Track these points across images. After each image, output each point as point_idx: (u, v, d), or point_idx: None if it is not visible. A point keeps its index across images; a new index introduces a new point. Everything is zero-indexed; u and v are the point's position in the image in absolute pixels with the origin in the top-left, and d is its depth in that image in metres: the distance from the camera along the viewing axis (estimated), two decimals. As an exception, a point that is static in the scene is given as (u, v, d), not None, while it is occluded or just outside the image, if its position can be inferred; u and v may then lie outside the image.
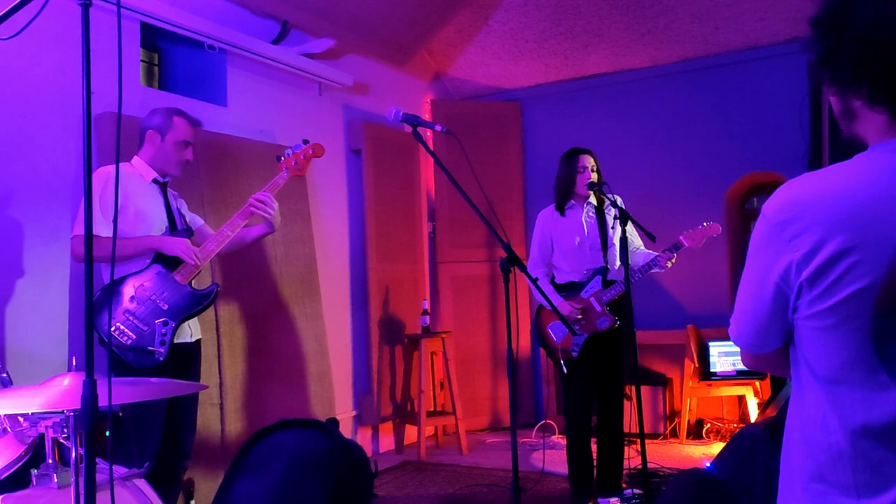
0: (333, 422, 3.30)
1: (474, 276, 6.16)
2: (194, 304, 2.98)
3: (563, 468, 4.05)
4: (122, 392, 1.67)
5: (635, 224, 3.57)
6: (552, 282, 3.90)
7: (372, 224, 5.45)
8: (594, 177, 3.79)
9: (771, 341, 1.20)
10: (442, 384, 5.83)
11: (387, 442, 5.56)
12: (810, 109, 4.95)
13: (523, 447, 5.22)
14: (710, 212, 5.05)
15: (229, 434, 3.93)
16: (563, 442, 4.09)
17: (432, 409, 5.80)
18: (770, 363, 1.25)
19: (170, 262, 2.97)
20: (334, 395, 4.74)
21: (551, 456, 4.71)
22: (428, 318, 5.46)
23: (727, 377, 5.25)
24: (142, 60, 4.21)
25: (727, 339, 5.31)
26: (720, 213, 5.57)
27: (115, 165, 2.90)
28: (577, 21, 5.54)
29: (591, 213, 3.87)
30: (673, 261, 3.72)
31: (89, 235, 1.52)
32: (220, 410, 3.90)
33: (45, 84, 3.42)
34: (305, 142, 3.34)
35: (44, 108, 3.42)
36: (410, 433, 5.54)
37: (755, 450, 2.38)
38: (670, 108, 5.92)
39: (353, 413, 5.27)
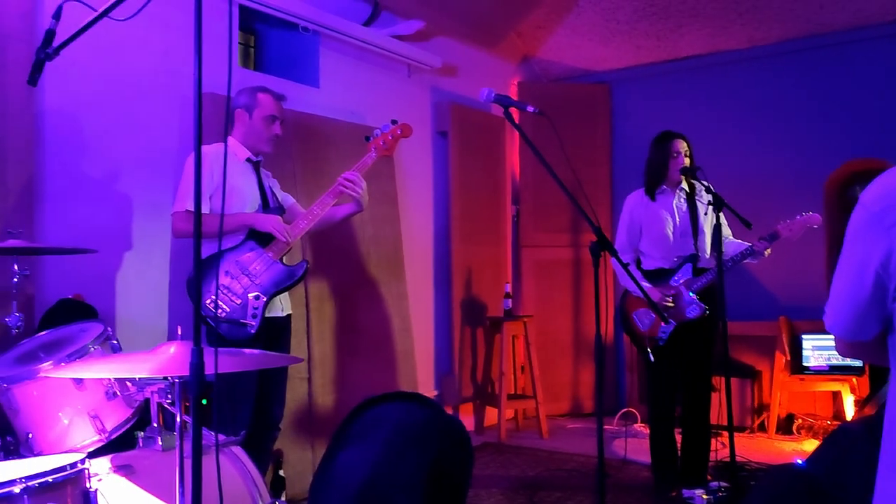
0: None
1: (558, 261, 6.11)
2: (285, 279, 3.06)
3: (645, 457, 3.99)
4: (224, 362, 1.74)
5: (731, 211, 3.46)
6: (639, 268, 3.83)
7: (456, 206, 5.48)
8: (687, 162, 3.69)
9: (868, 329, 1.18)
10: (523, 368, 5.83)
11: (466, 423, 5.60)
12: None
13: (605, 434, 5.16)
14: (808, 200, 4.86)
15: (317, 407, 4.04)
16: (646, 430, 4.03)
17: (513, 392, 5.81)
18: (866, 351, 1.23)
19: (262, 239, 3.05)
20: (417, 373, 4.81)
21: (633, 444, 4.65)
22: (510, 301, 5.46)
23: (821, 372, 5.06)
24: (239, 43, 4.34)
25: (822, 332, 5.12)
26: (819, 202, 5.34)
27: (213, 145, 3.00)
28: (672, 0, 5.38)
29: (682, 199, 3.77)
30: (769, 251, 3.60)
31: (198, 212, 1.58)
32: (309, 384, 4.02)
33: (150, 66, 3.57)
34: (394, 122, 3.37)
35: (149, 89, 3.57)
36: (490, 415, 5.57)
37: (853, 448, 2.29)
38: (768, 92, 5.69)
39: (435, 392, 5.33)
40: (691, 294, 3.63)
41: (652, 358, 3.63)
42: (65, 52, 2.11)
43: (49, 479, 1.62)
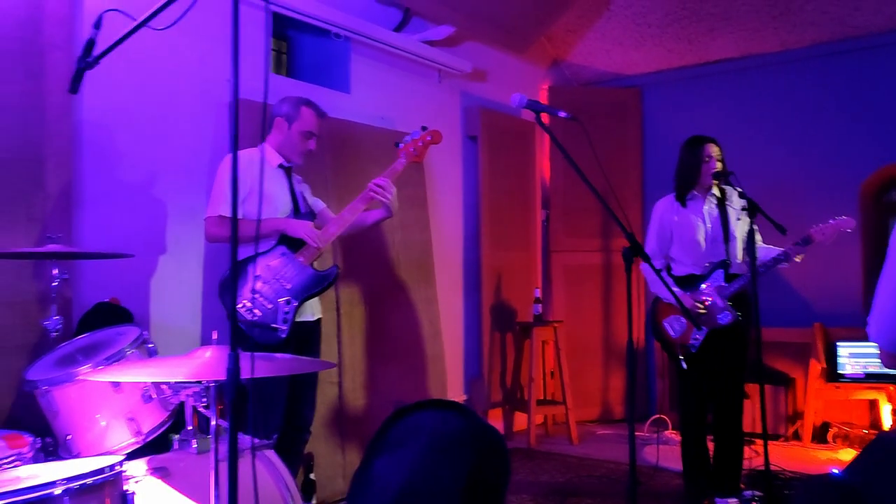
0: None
1: (588, 266, 6.08)
2: (316, 284, 3.08)
3: (676, 464, 3.95)
4: (258, 366, 1.76)
5: (765, 216, 3.41)
6: (669, 274, 3.80)
7: (486, 211, 5.48)
8: (719, 166, 3.65)
9: None
10: (552, 373, 5.80)
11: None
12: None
13: (636, 441, 5.12)
14: (842, 205, 4.77)
15: (347, 411, 4.07)
16: (677, 437, 3.99)
17: (542, 397, 5.79)
18: None
19: (293, 244, 3.08)
20: (447, 378, 4.81)
21: (665, 451, 4.60)
22: (540, 306, 5.44)
23: (857, 380, 4.97)
24: (272, 49, 4.38)
25: (858, 339, 5.04)
26: (854, 207, 5.26)
27: (246, 150, 3.03)
28: (704, 4, 5.33)
29: (713, 205, 3.73)
30: (802, 256, 3.55)
31: (235, 218, 1.60)
32: (339, 388, 4.04)
33: (184, 73, 3.63)
34: (424, 128, 3.38)
35: (184, 96, 3.62)
36: (519, 420, 5.55)
37: (893, 458, 2.24)
38: (801, 96, 5.62)
39: (464, 397, 5.33)
40: (723, 300, 3.59)
41: (685, 365, 3.59)
42: (102, 59, 2.16)
43: (89, 480, 1.65)
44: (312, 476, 3.60)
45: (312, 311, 3.21)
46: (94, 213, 3.25)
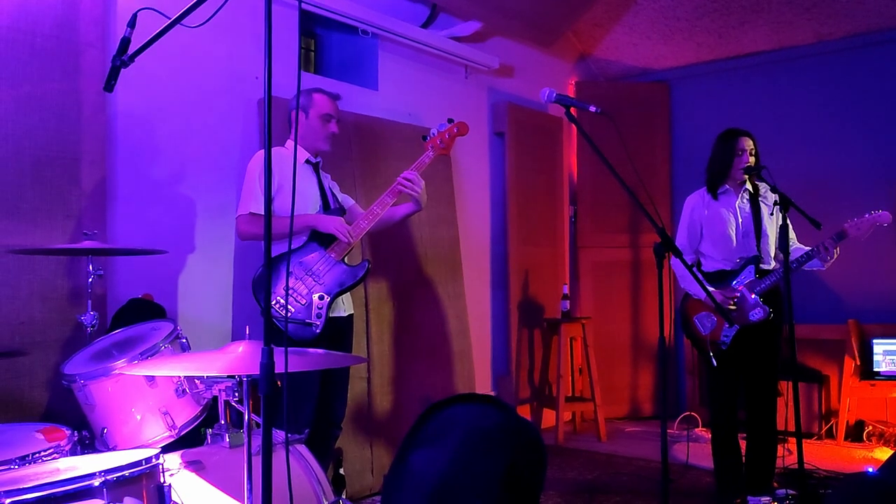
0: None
1: (616, 262, 6.04)
2: (348, 279, 3.09)
3: (707, 462, 3.91)
4: (291, 361, 1.77)
5: (799, 211, 3.35)
6: (699, 270, 3.75)
7: (513, 207, 5.46)
8: (752, 160, 3.60)
9: None
10: (581, 370, 5.78)
11: (523, 424, 5.59)
12: None
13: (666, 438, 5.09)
14: (878, 199, 4.70)
15: (375, 407, 4.08)
16: (707, 435, 3.95)
17: (570, 394, 5.77)
18: None
19: (325, 240, 3.09)
20: (474, 374, 4.81)
21: (695, 449, 4.56)
22: (568, 302, 5.41)
23: (892, 377, 4.88)
24: (300, 47, 4.41)
25: (894, 336, 4.95)
26: (890, 202, 5.15)
27: (276, 148, 3.05)
28: (735, -4, 5.27)
29: (745, 200, 3.68)
30: (835, 254, 3.48)
31: (268, 215, 1.61)
32: (368, 384, 4.06)
33: (215, 70, 3.66)
34: (450, 121, 3.37)
35: (214, 93, 3.66)
36: (547, 417, 5.54)
37: (931, 457, 2.20)
38: (836, 89, 5.52)
39: (492, 393, 5.33)
40: (755, 297, 3.54)
41: (715, 363, 3.55)
42: (136, 57, 2.18)
43: (126, 473, 1.67)
44: (342, 471, 3.61)
45: (344, 306, 3.22)
46: (127, 209, 3.30)
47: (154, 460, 1.77)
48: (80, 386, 2.31)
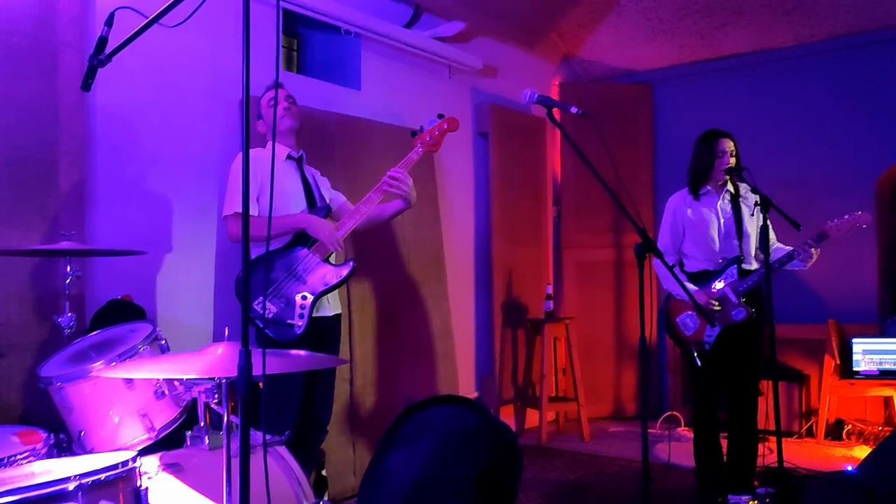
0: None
1: (599, 262, 6.06)
2: (332, 278, 3.06)
3: (689, 461, 3.93)
4: (270, 363, 1.75)
5: (779, 212, 3.38)
6: (682, 270, 3.77)
7: (497, 207, 5.47)
8: (733, 161, 3.62)
9: None
10: (564, 370, 5.79)
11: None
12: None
13: (648, 438, 5.11)
14: (858, 201, 4.73)
15: (358, 408, 4.07)
16: (690, 434, 3.97)
17: (554, 394, 5.77)
18: None
19: (308, 239, 3.07)
20: (458, 375, 4.81)
21: (677, 448, 4.59)
22: (551, 302, 5.43)
23: (871, 376, 4.93)
24: (282, 46, 4.39)
25: (873, 335, 5.00)
26: (870, 203, 5.21)
27: (257, 149, 3.03)
28: (716, -2, 5.30)
29: (727, 201, 3.71)
30: (816, 254, 3.50)
31: (246, 214, 1.60)
32: (350, 385, 4.05)
33: (197, 70, 3.63)
34: (440, 116, 3.34)
35: (195, 93, 3.63)
36: (531, 417, 5.55)
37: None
38: (816, 91, 5.58)
39: (475, 394, 5.33)
40: (737, 297, 3.57)
41: (699, 363, 3.56)
42: (113, 57, 2.16)
43: (102, 476, 1.65)
44: (324, 472, 3.60)
45: (330, 305, 3.19)
46: (106, 210, 3.27)
47: (131, 463, 1.75)
48: (56, 388, 2.29)
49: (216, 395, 2.15)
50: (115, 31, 2.14)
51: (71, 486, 1.59)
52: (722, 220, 3.67)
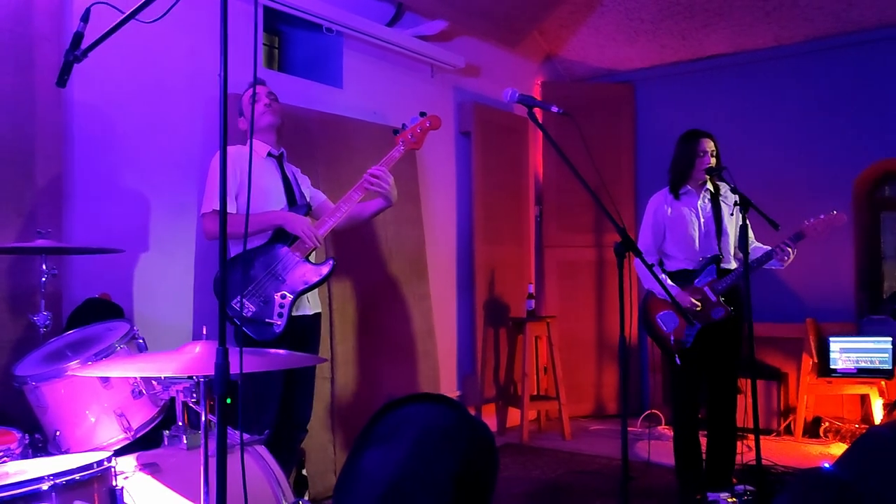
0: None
1: (581, 261, 6.08)
2: (312, 276, 3.03)
3: (669, 459, 3.95)
4: (248, 361, 1.74)
5: (758, 211, 3.40)
6: (662, 269, 3.79)
7: (479, 206, 5.47)
8: (713, 161, 3.65)
9: None
10: (546, 369, 5.81)
11: (489, 424, 5.54)
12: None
13: (629, 436, 5.13)
14: (835, 201, 4.79)
15: (339, 407, 4.05)
16: (670, 433, 3.99)
17: (535, 393, 5.79)
18: None
19: (288, 237, 3.05)
20: (439, 374, 4.80)
21: (657, 447, 4.61)
22: (533, 302, 5.44)
23: (848, 374, 4.99)
24: (263, 44, 4.36)
25: (850, 334, 5.06)
26: (847, 203, 5.27)
27: (234, 147, 3.00)
28: (697, -1, 5.34)
29: (707, 200, 3.73)
30: (793, 254, 3.54)
31: (224, 212, 1.58)
32: (331, 384, 4.03)
33: (175, 67, 3.60)
34: (423, 114, 3.32)
35: (175, 90, 3.60)
36: (512, 416, 5.56)
37: (884, 453, 2.24)
38: (795, 91, 5.63)
39: (457, 393, 5.33)
40: (716, 295, 3.59)
41: (679, 361, 3.59)
42: (92, 52, 2.14)
43: (76, 476, 1.64)
44: (304, 472, 3.58)
45: (311, 304, 3.17)
46: (83, 208, 3.23)
47: (106, 463, 1.73)
48: (31, 388, 2.26)
49: (194, 394, 2.13)
50: (92, 26, 2.12)
51: (45, 486, 1.58)
52: (702, 220, 3.69)
